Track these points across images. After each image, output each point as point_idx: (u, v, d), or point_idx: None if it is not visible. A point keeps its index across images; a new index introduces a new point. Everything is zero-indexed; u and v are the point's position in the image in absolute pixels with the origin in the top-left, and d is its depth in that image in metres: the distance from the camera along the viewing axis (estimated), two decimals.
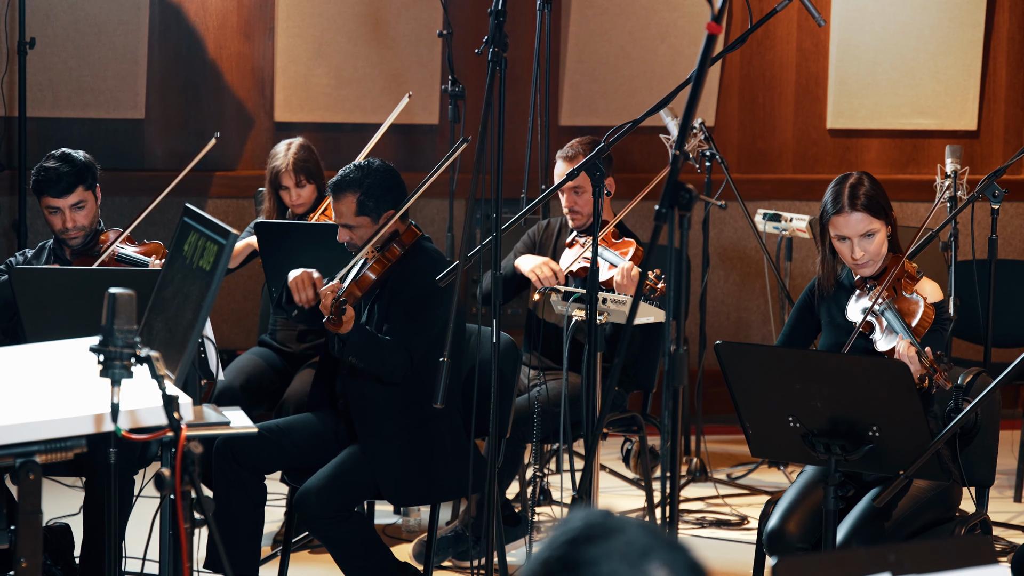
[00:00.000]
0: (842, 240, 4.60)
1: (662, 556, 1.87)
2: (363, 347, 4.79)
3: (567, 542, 1.88)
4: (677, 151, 2.98)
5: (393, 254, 4.94)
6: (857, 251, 4.58)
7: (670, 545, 1.88)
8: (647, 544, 1.87)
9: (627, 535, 1.88)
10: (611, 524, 1.89)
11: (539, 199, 4.68)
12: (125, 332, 2.96)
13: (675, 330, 3.00)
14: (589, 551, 1.87)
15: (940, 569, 2.38)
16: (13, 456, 3.12)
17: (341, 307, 4.75)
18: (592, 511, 1.93)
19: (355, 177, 4.94)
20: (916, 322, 4.50)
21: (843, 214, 4.57)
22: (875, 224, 4.58)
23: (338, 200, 4.94)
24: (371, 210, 4.92)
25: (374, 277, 4.92)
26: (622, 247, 5.73)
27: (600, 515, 1.91)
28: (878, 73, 8.04)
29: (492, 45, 4.15)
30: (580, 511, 1.94)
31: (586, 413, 4.93)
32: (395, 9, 7.74)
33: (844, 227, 4.58)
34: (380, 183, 4.93)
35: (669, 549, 1.88)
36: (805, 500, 4.46)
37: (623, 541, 1.87)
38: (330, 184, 4.99)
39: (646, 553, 1.86)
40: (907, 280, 4.62)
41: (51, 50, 7.51)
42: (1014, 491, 6.72)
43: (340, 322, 4.75)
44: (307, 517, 4.78)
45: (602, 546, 1.87)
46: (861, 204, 4.56)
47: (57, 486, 6.05)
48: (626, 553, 1.86)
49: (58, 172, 5.35)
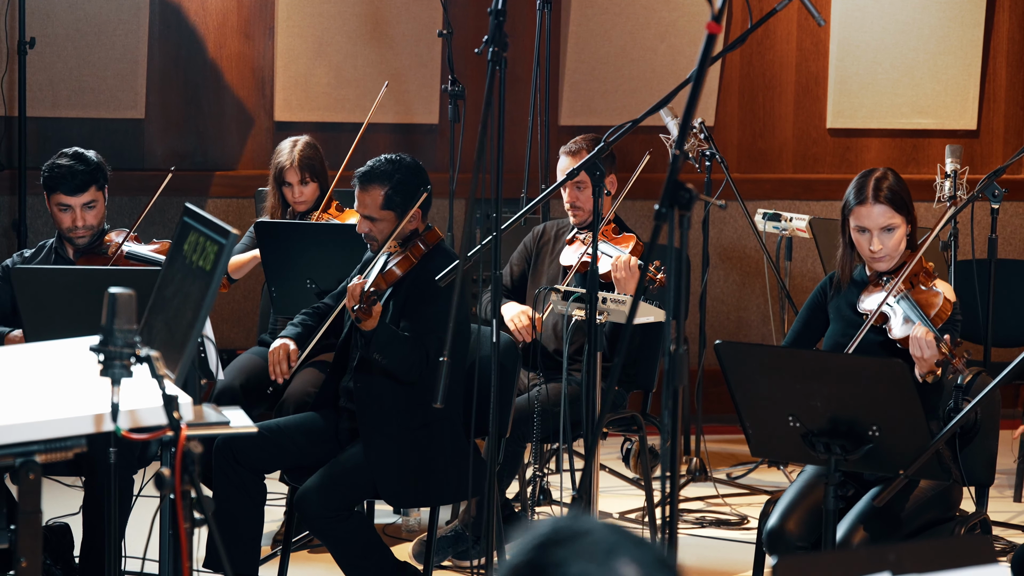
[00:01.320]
0: (862, 232, 4.60)
1: (629, 553, 1.89)
2: (387, 344, 4.78)
3: (535, 547, 1.91)
4: (677, 150, 2.98)
5: (418, 252, 4.94)
6: (876, 243, 4.58)
7: (637, 542, 1.91)
8: (614, 542, 1.90)
9: (593, 535, 1.90)
10: (578, 526, 1.91)
11: (540, 198, 4.68)
12: (125, 332, 2.96)
13: (675, 330, 3.00)
14: (557, 553, 1.89)
15: (940, 569, 2.38)
16: (13, 456, 3.12)
17: (372, 299, 4.73)
18: (561, 516, 1.95)
19: (385, 170, 4.92)
20: (935, 312, 4.51)
21: (866, 205, 4.57)
22: (896, 219, 4.58)
23: (364, 191, 4.91)
24: (397, 205, 4.90)
25: (400, 273, 4.92)
26: (622, 242, 5.75)
27: (567, 519, 1.93)
28: (878, 73, 8.04)
29: (492, 45, 4.14)
30: (549, 518, 1.96)
31: (586, 413, 4.92)
32: (395, 9, 7.74)
33: (865, 218, 4.58)
34: (409, 180, 4.92)
35: (636, 546, 1.90)
36: (805, 499, 4.46)
37: (590, 541, 1.89)
38: (358, 174, 4.95)
39: (613, 551, 1.89)
40: (924, 276, 4.63)
41: (51, 50, 7.51)
42: (1014, 491, 6.72)
43: (369, 313, 4.73)
44: (307, 517, 4.78)
45: (570, 547, 1.89)
46: (884, 197, 4.57)
47: (57, 486, 6.05)
48: (593, 552, 1.88)
49: (72, 170, 5.36)
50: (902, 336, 4.48)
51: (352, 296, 4.74)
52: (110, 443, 3.70)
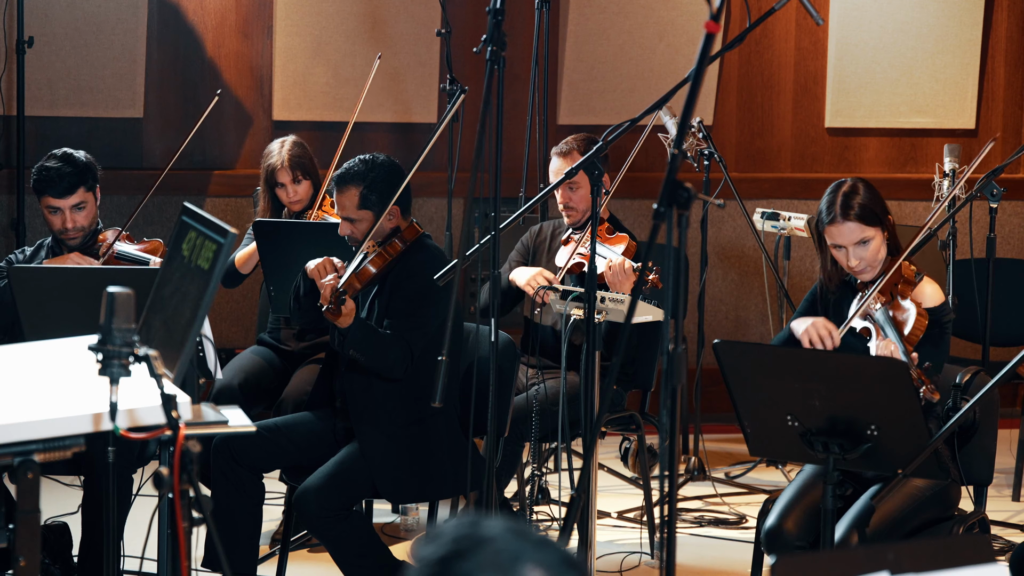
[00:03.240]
0: (838, 248, 4.61)
1: (533, 557, 1.88)
2: (363, 341, 4.78)
3: (437, 560, 1.88)
4: (675, 150, 2.98)
5: (394, 249, 4.94)
6: (852, 259, 4.58)
7: (540, 544, 1.89)
8: (517, 549, 1.88)
9: (496, 543, 1.88)
10: (478, 535, 1.89)
11: (537, 197, 4.68)
12: (123, 331, 2.96)
13: (673, 329, 3.00)
14: (461, 567, 1.87)
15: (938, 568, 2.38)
16: (12, 455, 3.12)
17: (340, 298, 4.74)
18: (460, 523, 1.92)
19: (359, 171, 4.93)
20: (908, 331, 4.49)
21: (836, 224, 4.56)
22: (869, 232, 4.57)
23: (341, 193, 4.93)
24: (374, 204, 4.91)
25: (374, 271, 4.92)
26: (616, 242, 5.75)
27: (467, 527, 1.90)
28: (876, 72, 8.04)
29: (490, 44, 4.14)
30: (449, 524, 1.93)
31: (585, 412, 4.92)
32: (394, 8, 7.74)
33: (838, 236, 4.58)
34: (384, 178, 4.93)
35: (540, 548, 1.89)
36: (803, 499, 4.46)
37: (492, 550, 1.88)
38: (333, 176, 4.98)
39: (517, 558, 1.87)
40: (904, 285, 4.60)
41: (49, 49, 7.50)
42: (1012, 490, 6.72)
43: (339, 312, 4.74)
44: (305, 516, 4.78)
45: (473, 559, 1.87)
46: (854, 215, 4.55)
47: (56, 485, 6.05)
48: (497, 562, 1.87)
49: (59, 172, 5.35)
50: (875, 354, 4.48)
51: (323, 295, 4.76)
52: (108, 442, 3.70)
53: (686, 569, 5.67)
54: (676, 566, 3.08)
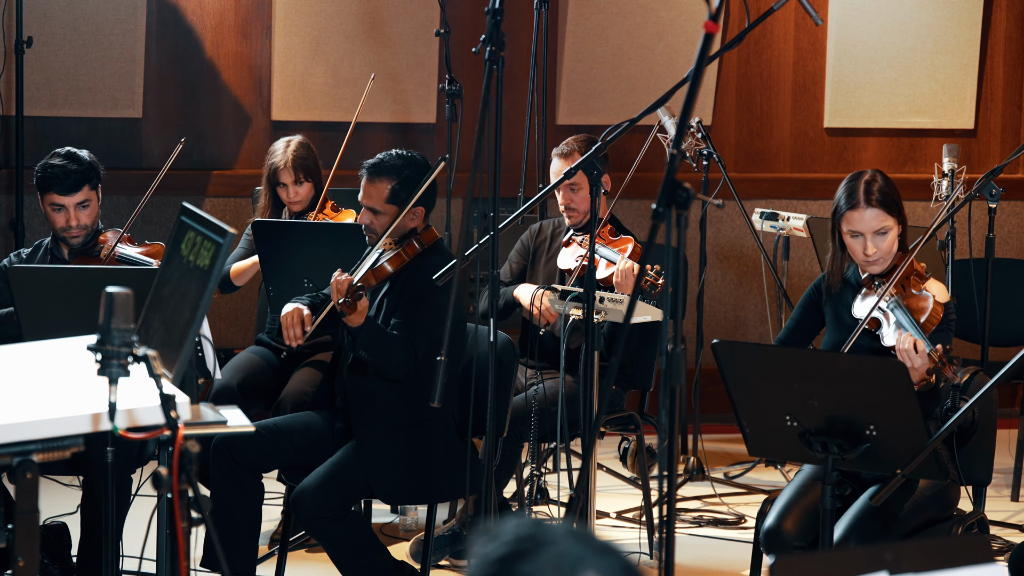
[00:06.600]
0: (855, 236, 4.59)
1: (595, 564, 1.87)
2: (373, 341, 4.78)
3: (499, 560, 1.87)
4: (674, 150, 2.98)
5: (412, 250, 4.94)
6: (870, 247, 4.57)
7: (602, 551, 1.89)
8: (579, 554, 1.88)
9: (558, 547, 1.88)
10: (541, 537, 1.88)
11: (536, 197, 4.68)
12: (122, 331, 2.96)
13: (672, 329, 3.00)
14: (522, 568, 1.86)
15: (937, 568, 2.38)
16: (10, 455, 3.12)
17: (358, 293, 4.73)
18: (522, 523, 1.91)
19: (395, 164, 4.92)
20: (925, 318, 4.50)
21: (858, 209, 4.56)
22: (889, 221, 4.58)
23: (372, 183, 4.91)
24: (402, 201, 4.90)
25: (391, 269, 4.91)
26: (620, 244, 5.74)
27: (529, 528, 1.90)
28: (875, 72, 8.04)
29: (489, 44, 4.14)
30: (510, 523, 1.92)
31: (583, 412, 4.92)
32: (392, 8, 7.74)
33: (858, 223, 4.57)
34: (417, 177, 4.92)
35: (601, 556, 1.88)
36: (802, 499, 4.46)
37: (555, 554, 1.87)
38: (367, 164, 4.96)
39: (579, 562, 1.87)
40: (916, 278, 4.61)
41: (48, 49, 7.50)
42: (1011, 490, 6.73)
43: (355, 307, 4.73)
44: (303, 516, 4.78)
45: (534, 561, 1.87)
46: (876, 200, 4.56)
47: (54, 485, 6.05)
48: (559, 566, 1.86)
49: (65, 169, 5.36)
50: (893, 344, 4.48)
51: (338, 290, 4.74)
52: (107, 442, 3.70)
53: (685, 569, 5.67)
54: (675, 566, 3.08)
